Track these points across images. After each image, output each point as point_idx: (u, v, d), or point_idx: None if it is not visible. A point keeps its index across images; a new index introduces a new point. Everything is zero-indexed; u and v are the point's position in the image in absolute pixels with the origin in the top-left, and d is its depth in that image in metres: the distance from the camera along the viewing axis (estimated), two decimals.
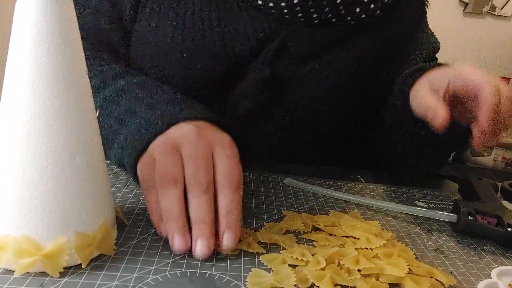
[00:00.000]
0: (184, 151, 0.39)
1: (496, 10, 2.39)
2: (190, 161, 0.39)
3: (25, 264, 0.31)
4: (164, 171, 0.38)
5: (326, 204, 0.50)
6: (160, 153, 0.40)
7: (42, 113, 0.31)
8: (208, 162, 0.39)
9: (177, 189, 0.37)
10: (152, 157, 0.40)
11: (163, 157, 0.39)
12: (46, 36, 0.30)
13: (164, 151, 0.40)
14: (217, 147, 0.40)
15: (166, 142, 0.41)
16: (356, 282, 0.35)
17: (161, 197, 0.38)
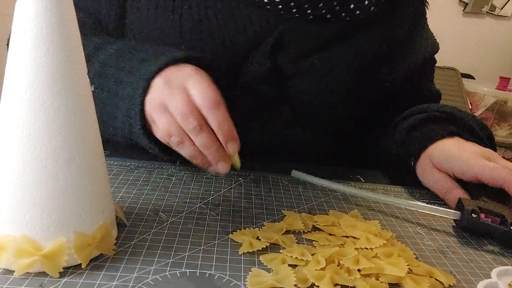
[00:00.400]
0: (169, 106, 0.45)
1: (496, 10, 2.39)
2: (177, 115, 0.45)
3: (24, 264, 0.31)
4: (167, 132, 0.46)
5: (326, 204, 0.50)
6: (156, 115, 0.46)
7: (42, 113, 0.31)
8: (189, 105, 0.44)
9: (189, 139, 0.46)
10: (152, 120, 0.47)
11: (158, 120, 0.46)
12: (46, 36, 0.30)
13: (156, 113, 0.46)
14: (187, 82, 0.45)
15: (155, 103, 0.46)
16: (356, 282, 0.35)
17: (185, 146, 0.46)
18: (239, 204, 0.47)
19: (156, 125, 0.47)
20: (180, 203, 0.46)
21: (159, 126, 0.46)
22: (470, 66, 2.38)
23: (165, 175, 0.53)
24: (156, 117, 0.46)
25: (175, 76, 0.47)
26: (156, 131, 0.47)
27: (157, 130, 0.47)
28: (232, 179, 0.54)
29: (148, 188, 0.49)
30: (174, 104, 0.45)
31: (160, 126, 0.46)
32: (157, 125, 0.46)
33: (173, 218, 0.43)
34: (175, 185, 0.50)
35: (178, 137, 0.45)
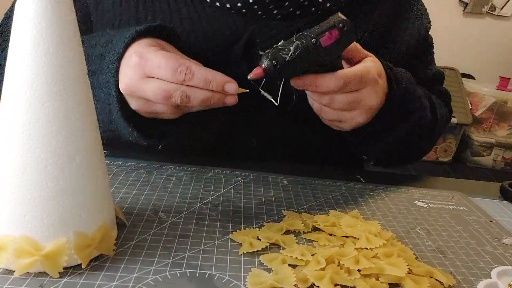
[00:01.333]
0: (151, 72, 0.44)
1: (496, 10, 2.39)
2: (166, 72, 0.44)
3: (24, 264, 0.31)
4: (165, 94, 0.44)
5: (326, 204, 0.50)
6: (144, 86, 0.45)
7: (42, 113, 0.31)
8: (171, 59, 0.44)
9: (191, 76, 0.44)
10: (142, 95, 0.45)
11: (149, 89, 0.44)
12: (45, 36, 0.30)
13: (143, 85, 0.45)
14: (146, 68, 0.44)
15: (135, 79, 0.45)
16: (356, 282, 0.35)
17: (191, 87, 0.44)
18: (239, 204, 0.47)
19: (148, 96, 0.45)
20: (180, 203, 0.46)
21: (153, 94, 0.44)
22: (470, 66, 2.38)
23: (165, 176, 0.53)
24: (145, 88, 0.44)
25: (131, 75, 0.45)
26: (151, 106, 0.46)
27: (151, 104, 0.46)
28: (232, 179, 0.54)
29: (148, 188, 0.49)
30: (155, 65, 0.44)
31: (153, 94, 0.44)
32: (149, 95, 0.44)
33: (173, 218, 0.43)
34: (175, 185, 0.50)
35: (179, 91, 0.44)
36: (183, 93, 0.44)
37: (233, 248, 0.38)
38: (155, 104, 0.46)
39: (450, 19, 2.35)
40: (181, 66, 0.43)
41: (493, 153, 2.35)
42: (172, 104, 0.45)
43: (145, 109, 0.47)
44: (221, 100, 0.46)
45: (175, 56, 0.44)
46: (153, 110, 0.47)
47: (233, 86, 0.45)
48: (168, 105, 0.45)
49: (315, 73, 0.46)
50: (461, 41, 2.37)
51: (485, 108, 2.25)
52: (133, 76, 0.45)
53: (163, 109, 0.46)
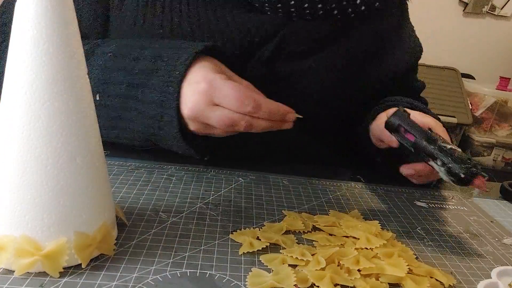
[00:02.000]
0: (218, 100, 0.46)
1: (496, 10, 2.39)
2: (232, 102, 0.45)
3: (25, 264, 0.31)
4: (230, 123, 0.46)
5: (326, 204, 0.50)
6: (208, 113, 0.46)
7: (42, 113, 0.31)
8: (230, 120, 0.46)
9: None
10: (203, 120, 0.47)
11: (213, 117, 0.46)
12: (45, 36, 0.30)
13: (208, 112, 0.46)
14: (215, 96, 0.46)
15: (200, 105, 0.46)
16: (356, 282, 0.35)
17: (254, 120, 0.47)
18: (239, 204, 0.47)
19: (212, 123, 0.46)
20: (180, 203, 0.46)
21: (218, 122, 0.46)
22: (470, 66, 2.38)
23: (165, 175, 0.53)
24: (210, 116, 0.46)
25: (198, 102, 0.46)
26: (210, 130, 0.48)
27: (210, 128, 0.47)
28: (232, 179, 0.54)
29: (148, 188, 0.49)
30: (224, 95, 0.45)
31: (218, 122, 0.46)
32: (214, 122, 0.46)
33: (173, 218, 0.43)
34: (175, 185, 0.50)
35: (243, 121, 0.46)
36: (247, 123, 0.46)
37: (233, 248, 0.38)
38: (214, 128, 0.47)
39: (450, 19, 2.34)
40: (249, 99, 0.45)
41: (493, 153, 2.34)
42: (233, 131, 0.47)
43: (203, 132, 0.48)
44: (280, 127, 0.49)
45: (242, 88, 0.46)
46: (210, 133, 0.48)
47: (293, 116, 0.49)
48: (229, 131, 0.47)
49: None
50: (461, 41, 2.37)
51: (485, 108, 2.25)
52: (200, 102, 0.46)
53: (221, 134, 0.48)
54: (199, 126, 0.48)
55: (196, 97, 0.46)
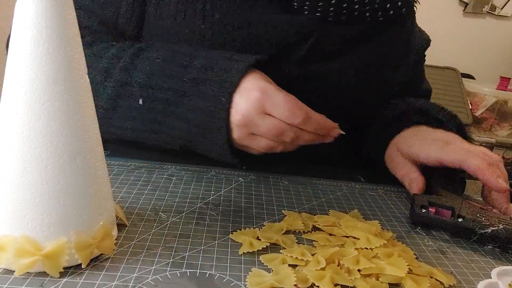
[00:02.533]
0: (270, 109, 0.47)
1: (496, 10, 2.39)
2: (284, 112, 0.47)
3: (25, 264, 0.31)
4: (278, 132, 0.47)
5: (326, 204, 0.50)
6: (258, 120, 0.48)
7: (42, 113, 0.31)
8: (279, 129, 0.47)
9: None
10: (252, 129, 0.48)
11: (262, 124, 0.48)
12: (46, 36, 0.30)
13: (258, 119, 0.48)
14: (266, 105, 0.47)
15: (252, 112, 0.47)
16: (356, 282, 0.35)
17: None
18: (239, 204, 0.47)
19: (260, 131, 0.47)
20: (180, 203, 0.46)
21: (267, 130, 0.47)
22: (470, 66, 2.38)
23: (166, 175, 0.53)
24: (260, 123, 0.47)
25: (249, 109, 0.47)
26: (252, 139, 0.49)
27: (252, 137, 0.49)
28: (232, 179, 0.54)
29: (148, 188, 0.49)
30: (276, 104, 0.47)
31: (267, 130, 0.47)
32: (263, 130, 0.47)
33: (173, 218, 0.43)
34: (175, 185, 0.50)
35: (292, 131, 0.47)
36: (295, 134, 0.47)
37: (233, 248, 0.38)
38: (256, 138, 0.48)
39: (450, 19, 2.34)
40: (300, 111, 0.47)
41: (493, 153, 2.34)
42: (279, 141, 0.48)
43: (245, 141, 0.49)
44: (322, 140, 0.51)
45: (294, 99, 0.47)
46: (250, 145, 0.49)
47: (337, 132, 0.51)
48: (275, 141, 0.48)
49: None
50: (461, 41, 2.37)
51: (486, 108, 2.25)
52: (251, 109, 0.47)
53: (262, 147, 0.49)
54: (243, 135, 0.48)
55: (248, 104, 0.47)
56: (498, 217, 0.45)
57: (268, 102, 0.47)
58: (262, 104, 0.46)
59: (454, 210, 0.46)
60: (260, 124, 0.47)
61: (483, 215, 0.45)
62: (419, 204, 0.47)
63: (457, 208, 0.46)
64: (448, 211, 0.47)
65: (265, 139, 0.48)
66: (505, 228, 0.44)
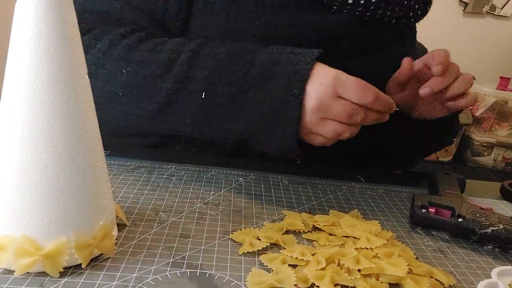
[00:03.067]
0: (343, 94, 0.49)
1: (496, 10, 2.39)
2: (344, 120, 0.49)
3: (25, 264, 0.31)
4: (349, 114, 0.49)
5: (326, 204, 0.50)
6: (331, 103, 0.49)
7: (42, 113, 0.31)
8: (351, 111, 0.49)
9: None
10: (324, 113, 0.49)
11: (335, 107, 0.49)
12: (46, 36, 0.30)
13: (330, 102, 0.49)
14: (339, 89, 0.48)
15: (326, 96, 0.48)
16: (356, 282, 0.35)
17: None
18: (239, 204, 0.47)
19: (334, 113, 0.48)
20: (180, 203, 0.46)
21: (340, 112, 0.48)
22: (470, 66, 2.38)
23: (166, 175, 0.53)
24: (334, 106, 0.48)
25: (324, 93, 0.48)
26: (318, 139, 0.50)
27: (319, 138, 0.50)
28: (232, 179, 0.54)
29: (148, 188, 0.49)
30: (348, 86, 0.48)
31: (341, 111, 0.48)
32: (336, 112, 0.48)
33: (173, 218, 0.43)
34: (175, 185, 0.50)
35: (361, 112, 0.49)
36: (364, 114, 0.49)
37: (233, 248, 0.38)
38: (327, 123, 0.49)
39: (450, 19, 2.35)
40: (370, 90, 0.48)
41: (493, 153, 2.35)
42: (350, 123, 0.49)
43: (315, 127, 0.50)
44: (382, 119, 0.52)
45: (363, 81, 0.49)
46: (318, 130, 0.50)
47: (394, 107, 0.52)
48: (344, 124, 0.49)
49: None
50: (461, 41, 2.37)
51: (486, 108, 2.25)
52: (325, 94, 0.48)
53: (333, 129, 0.49)
54: (315, 119, 0.49)
55: (322, 89, 0.48)
56: (498, 217, 0.45)
57: (340, 86, 0.48)
58: (334, 88, 0.48)
59: (454, 210, 0.46)
60: (334, 107, 0.48)
61: (483, 215, 0.45)
62: (419, 204, 0.47)
63: (457, 208, 0.46)
64: (448, 211, 0.47)
65: (335, 122, 0.49)
66: (505, 228, 0.44)
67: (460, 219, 0.45)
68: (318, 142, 0.51)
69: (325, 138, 0.50)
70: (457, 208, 0.46)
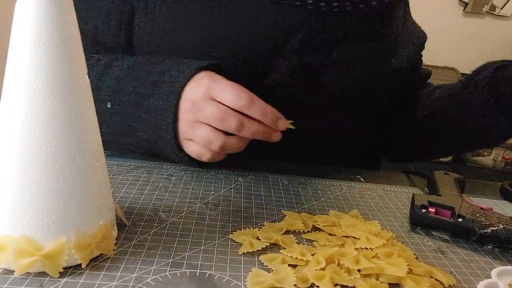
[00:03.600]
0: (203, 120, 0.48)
1: (496, 10, 2.39)
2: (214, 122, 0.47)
3: (25, 264, 0.31)
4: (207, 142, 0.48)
5: (326, 204, 0.50)
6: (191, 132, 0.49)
7: (42, 113, 0.31)
8: (222, 110, 0.47)
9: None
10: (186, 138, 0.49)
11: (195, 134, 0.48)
12: (45, 36, 0.30)
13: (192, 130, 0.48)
14: (212, 94, 0.47)
15: (187, 123, 0.49)
16: (356, 282, 0.35)
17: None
18: (239, 204, 0.47)
19: (205, 115, 0.47)
20: (180, 203, 0.46)
21: (211, 114, 0.47)
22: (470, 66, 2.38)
23: (165, 175, 0.53)
24: (205, 108, 0.47)
25: (198, 94, 0.48)
26: (192, 147, 0.50)
27: (193, 145, 0.49)
28: (232, 179, 0.54)
29: (148, 188, 0.49)
30: (222, 88, 0.47)
31: (212, 113, 0.47)
32: (207, 114, 0.47)
33: (173, 218, 0.43)
34: (175, 185, 0.50)
35: (235, 117, 0.47)
36: (239, 120, 0.47)
37: (233, 248, 0.38)
38: (199, 126, 0.48)
39: (450, 19, 2.35)
40: (244, 93, 0.47)
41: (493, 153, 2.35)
42: (224, 128, 0.47)
43: (188, 131, 0.49)
44: (269, 135, 0.50)
45: (239, 85, 0.48)
46: (190, 134, 0.49)
47: (284, 123, 0.50)
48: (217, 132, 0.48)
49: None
50: (461, 41, 2.37)
51: None
52: (199, 94, 0.48)
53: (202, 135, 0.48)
54: (188, 122, 0.48)
55: (196, 90, 0.48)
56: (498, 217, 0.45)
57: (214, 88, 0.47)
58: (208, 89, 0.47)
59: (454, 210, 0.46)
60: (206, 108, 0.47)
61: (483, 215, 0.45)
62: (419, 204, 0.47)
63: (457, 208, 0.46)
64: (448, 211, 0.47)
65: (207, 128, 0.48)
66: (505, 228, 0.44)
67: (460, 219, 0.45)
68: (192, 151, 0.50)
69: (198, 146, 0.49)
70: (457, 208, 0.46)
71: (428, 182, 0.58)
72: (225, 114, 0.47)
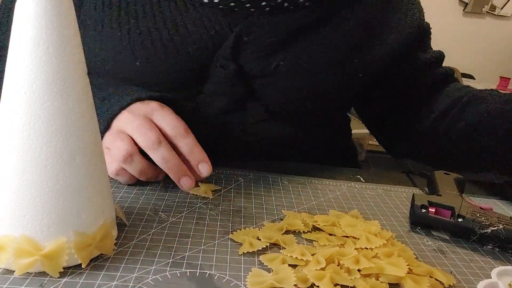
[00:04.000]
0: (128, 131, 0.45)
1: (496, 10, 2.39)
2: (135, 134, 0.45)
3: (25, 264, 0.31)
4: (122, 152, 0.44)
5: (326, 204, 0.50)
6: (111, 140, 0.46)
7: (42, 113, 0.31)
8: (151, 126, 0.45)
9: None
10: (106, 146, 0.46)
11: (112, 143, 0.45)
12: (45, 36, 0.30)
13: (112, 137, 0.46)
14: (153, 114, 0.46)
15: (111, 131, 0.47)
16: (356, 282, 0.35)
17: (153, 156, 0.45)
18: (239, 204, 0.47)
19: (109, 149, 0.45)
20: (180, 203, 0.46)
21: (112, 149, 0.45)
22: (470, 66, 2.38)
23: (165, 175, 0.53)
24: (110, 141, 0.45)
25: (140, 108, 0.47)
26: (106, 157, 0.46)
27: (108, 154, 0.45)
28: (232, 179, 0.54)
29: (148, 188, 0.49)
30: (133, 126, 0.45)
31: (114, 148, 0.45)
32: (110, 148, 0.45)
33: (173, 218, 0.43)
34: (175, 185, 0.50)
35: (126, 151, 0.44)
36: (129, 154, 0.44)
37: (233, 248, 0.38)
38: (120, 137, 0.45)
39: (450, 19, 2.35)
40: (151, 134, 0.44)
41: None
42: (147, 147, 0.44)
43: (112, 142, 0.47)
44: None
45: (152, 124, 0.45)
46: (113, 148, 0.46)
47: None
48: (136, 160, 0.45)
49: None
50: (461, 41, 2.37)
51: None
52: (110, 130, 0.47)
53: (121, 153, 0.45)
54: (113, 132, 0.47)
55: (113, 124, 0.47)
56: (498, 217, 0.45)
57: (155, 111, 0.46)
58: (123, 126, 0.46)
59: (454, 210, 0.46)
60: (111, 144, 0.45)
61: (483, 215, 0.45)
62: (419, 204, 0.47)
63: (457, 208, 0.47)
64: (448, 211, 0.47)
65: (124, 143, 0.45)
66: (505, 228, 0.44)
67: (460, 219, 0.45)
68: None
69: (111, 158, 0.46)
70: (457, 208, 0.47)
71: (428, 182, 0.58)
72: (149, 126, 0.45)
